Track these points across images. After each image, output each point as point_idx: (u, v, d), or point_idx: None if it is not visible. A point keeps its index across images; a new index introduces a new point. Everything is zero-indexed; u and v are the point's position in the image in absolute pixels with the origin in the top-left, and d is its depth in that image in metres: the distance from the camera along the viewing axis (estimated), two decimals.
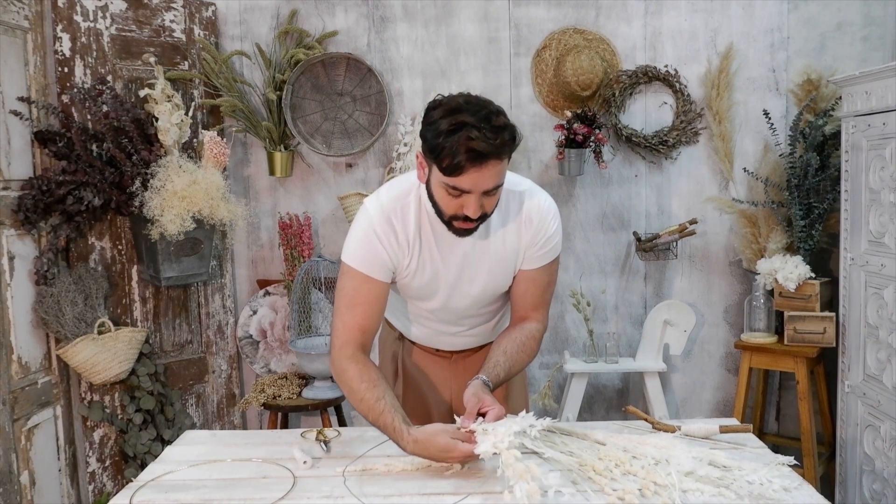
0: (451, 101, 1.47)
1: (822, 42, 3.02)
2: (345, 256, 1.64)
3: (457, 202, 1.49)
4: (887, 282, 2.38)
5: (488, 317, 1.82)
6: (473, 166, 1.43)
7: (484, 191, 1.47)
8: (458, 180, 1.45)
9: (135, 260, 2.78)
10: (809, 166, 2.79)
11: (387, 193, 1.66)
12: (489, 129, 1.42)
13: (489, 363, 1.64)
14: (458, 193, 1.47)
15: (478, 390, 1.53)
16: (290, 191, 3.16)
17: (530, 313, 1.74)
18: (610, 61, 3.06)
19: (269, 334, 3.12)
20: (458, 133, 1.41)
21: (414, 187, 1.63)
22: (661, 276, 3.18)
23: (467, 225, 1.53)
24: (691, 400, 3.23)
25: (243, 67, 3.08)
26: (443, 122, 1.43)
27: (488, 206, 1.53)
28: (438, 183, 1.49)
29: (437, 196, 1.52)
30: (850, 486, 2.60)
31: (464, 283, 1.69)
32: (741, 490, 1.35)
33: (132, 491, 1.43)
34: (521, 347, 1.69)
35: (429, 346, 1.88)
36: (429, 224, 1.62)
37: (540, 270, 1.71)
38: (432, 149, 1.45)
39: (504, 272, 1.70)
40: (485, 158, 1.42)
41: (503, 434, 1.37)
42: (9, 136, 2.37)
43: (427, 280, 1.67)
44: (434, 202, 1.54)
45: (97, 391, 2.67)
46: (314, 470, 1.52)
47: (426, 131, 1.47)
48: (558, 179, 3.08)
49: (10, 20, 2.36)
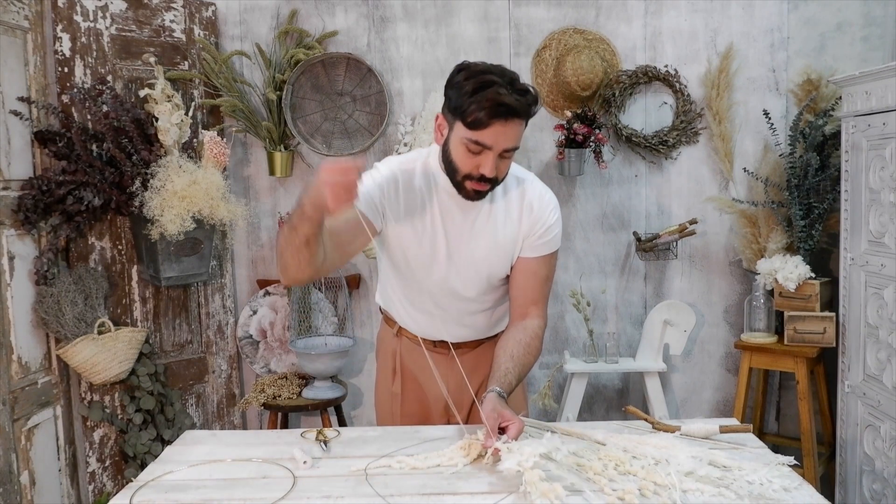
0: (477, 65, 1.57)
1: (822, 42, 3.02)
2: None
3: (475, 160, 1.56)
4: (887, 282, 2.38)
5: (485, 305, 1.82)
6: (499, 121, 1.51)
7: (503, 149, 1.55)
8: (482, 134, 1.52)
9: (135, 260, 2.78)
10: (809, 166, 2.79)
11: (393, 158, 1.77)
12: (514, 90, 1.52)
13: (499, 371, 1.63)
14: (479, 150, 1.55)
15: (496, 405, 1.52)
16: (290, 191, 3.16)
17: (530, 308, 1.75)
18: (610, 61, 3.06)
19: (269, 334, 3.12)
20: (487, 90, 1.50)
21: (420, 157, 1.72)
22: (661, 276, 3.18)
23: (481, 186, 1.60)
24: (691, 400, 3.23)
25: (243, 67, 3.08)
26: (469, 82, 1.52)
27: (501, 171, 1.60)
28: (459, 140, 1.56)
29: (456, 154, 1.58)
30: (850, 486, 2.60)
31: (463, 259, 1.71)
32: (741, 490, 1.35)
33: (132, 491, 1.43)
34: (527, 349, 1.69)
35: (428, 337, 1.87)
36: (434, 191, 1.68)
37: (539, 261, 1.74)
38: (458, 106, 1.53)
39: (502, 254, 1.73)
40: (510, 114, 1.51)
41: (529, 454, 1.36)
42: (9, 136, 2.37)
43: (427, 248, 1.70)
44: (450, 161, 1.60)
45: (97, 391, 2.67)
46: (314, 470, 1.52)
47: (450, 91, 1.56)
48: (558, 179, 3.08)
49: (10, 20, 2.36)
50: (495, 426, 1.48)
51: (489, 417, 1.50)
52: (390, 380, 1.92)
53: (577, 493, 1.35)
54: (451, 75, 1.58)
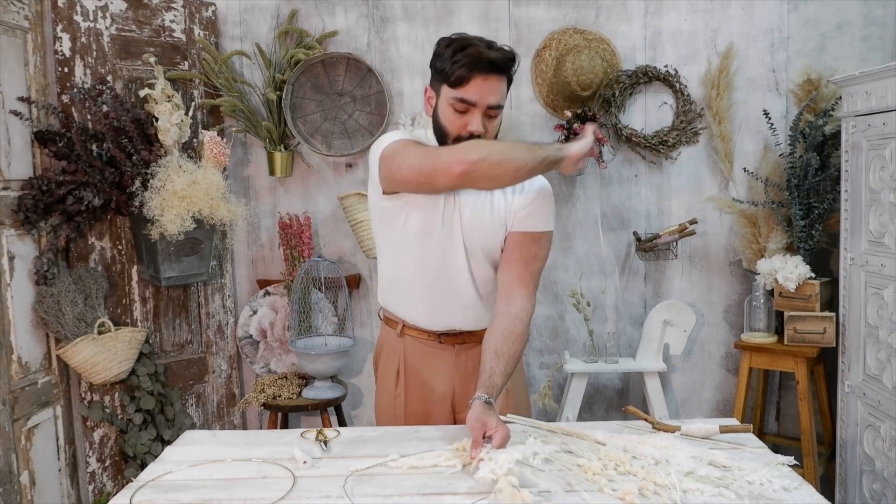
0: (457, 34, 1.68)
1: (822, 42, 3.02)
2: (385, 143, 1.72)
3: (462, 120, 1.65)
4: (887, 282, 2.38)
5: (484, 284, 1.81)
6: (480, 75, 1.61)
7: (487, 105, 1.63)
8: (465, 90, 1.62)
9: (135, 260, 2.78)
10: (809, 166, 2.79)
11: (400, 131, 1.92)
12: (493, 48, 1.63)
13: (483, 374, 1.61)
14: (465, 108, 1.64)
15: (480, 414, 1.50)
16: (290, 191, 3.16)
17: (515, 287, 1.73)
18: (610, 61, 3.06)
19: (269, 334, 3.12)
20: (466, 49, 1.61)
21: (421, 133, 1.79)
22: (661, 276, 3.18)
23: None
24: (691, 400, 3.23)
25: (243, 67, 3.08)
26: (450, 48, 1.63)
27: (489, 130, 1.68)
28: (446, 102, 1.66)
29: (444, 117, 1.68)
30: (850, 486, 2.60)
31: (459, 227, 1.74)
32: (741, 490, 1.35)
33: (132, 491, 1.43)
34: (510, 337, 1.66)
35: (433, 327, 1.85)
36: None
37: (527, 236, 1.76)
38: (442, 69, 1.64)
39: (496, 226, 1.76)
40: (490, 68, 1.61)
41: (503, 461, 1.35)
42: (9, 136, 2.37)
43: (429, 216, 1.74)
44: (440, 127, 1.69)
45: (97, 391, 2.67)
46: (314, 470, 1.52)
47: (435, 61, 1.67)
48: (558, 179, 3.08)
49: (10, 20, 2.36)
50: (479, 435, 1.47)
51: (473, 427, 1.49)
52: (393, 384, 1.90)
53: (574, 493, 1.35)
54: (435, 47, 1.68)
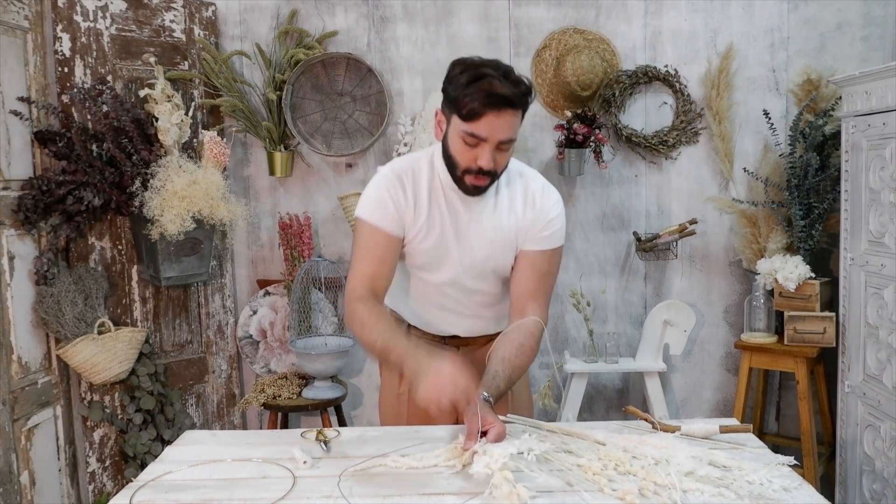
0: (471, 59, 1.59)
1: (822, 42, 3.02)
2: (358, 212, 1.72)
3: (472, 153, 1.58)
4: (887, 282, 2.38)
5: (493, 299, 1.83)
6: (492, 111, 1.52)
7: (499, 141, 1.57)
8: (477, 125, 1.54)
9: (135, 260, 2.78)
10: (809, 166, 2.79)
11: (398, 160, 1.79)
12: (508, 81, 1.53)
13: (487, 375, 1.62)
14: (475, 142, 1.56)
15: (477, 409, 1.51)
16: (290, 191, 3.16)
17: (528, 303, 1.73)
18: (610, 61, 3.06)
19: (269, 334, 3.12)
20: (480, 81, 1.52)
21: (425, 155, 1.74)
22: (661, 276, 3.18)
23: (480, 180, 1.62)
24: (691, 400, 3.23)
25: (243, 67, 3.08)
26: (464, 75, 1.55)
27: (500, 163, 1.62)
28: (456, 133, 1.58)
29: (454, 148, 1.61)
30: (850, 486, 2.60)
31: (469, 254, 1.73)
32: (741, 490, 1.35)
33: (132, 491, 1.43)
34: (520, 350, 1.68)
35: (436, 332, 1.87)
36: (440, 187, 1.70)
37: (539, 254, 1.74)
38: (453, 99, 1.56)
39: (506, 248, 1.74)
40: (503, 104, 1.52)
41: (498, 455, 1.36)
42: (9, 136, 2.37)
43: (435, 244, 1.71)
44: (449, 157, 1.63)
45: (97, 391, 2.67)
46: (314, 470, 1.52)
47: (447, 86, 1.59)
48: (558, 179, 3.07)
49: (10, 20, 2.36)
50: (475, 429, 1.48)
51: (469, 420, 1.49)
52: (397, 383, 1.91)
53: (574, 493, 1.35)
54: (448, 70, 1.60)
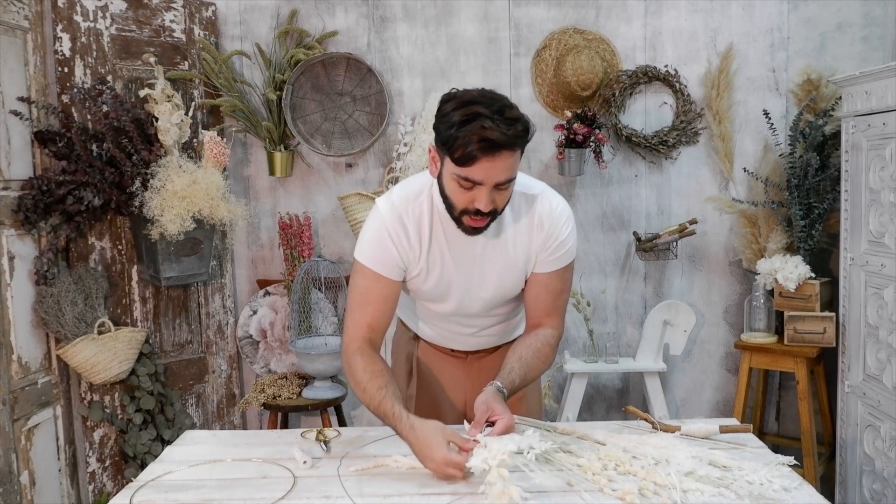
0: (465, 94, 1.47)
1: (822, 42, 3.02)
2: (357, 254, 1.66)
3: (468, 195, 1.48)
4: (887, 282, 2.38)
5: (501, 318, 1.81)
6: (486, 156, 1.42)
7: (496, 183, 1.46)
8: (471, 171, 1.44)
9: (135, 260, 2.78)
10: (809, 166, 2.79)
11: (398, 193, 1.65)
12: (503, 121, 1.42)
13: (504, 369, 1.62)
14: (471, 185, 1.47)
15: (489, 398, 1.51)
16: (290, 191, 3.16)
17: (544, 319, 1.72)
18: (610, 61, 3.06)
19: (269, 334, 3.12)
20: (472, 123, 1.41)
21: (426, 187, 1.62)
22: (661, 276, 3.18)
23: (478, 222, 1.52)
24: (691, 400, 3.23)
25: (243, 67, 3.08)
26: (456, 113, 1.43)
27: (500, 202, 1.52)
28: (450, 175, 1.48)
29: (449, 189, 1.51)
30: (850, 486, 2.60)
31: (474, 287, 1.68)
32: (741, 490, 1.35)
33: (132, 491, 1.43)
34: (537, 354, 1.67)
35: (443, 346, 1.88)
36: (441, 225, 1.62)
37: (552, 275, 1.69)
38: (445, 140, 1.45)
39: (515, 276, 1.69)
40: (498, 148, 1.42)
41: (497, 451, 1.34)
42: (9, 136, 2.37)
43: (437, 281, 1.66)
44: (445, 196, 1.53)
45: (97, 391, 2.67)
46: (314, 470, 1.52)
47: (439, 123, 1.47)
48: (558, 179, 3.08)
49: (10, 20, 2.36)
50: (482, 419, 1.47)
51: (478, 408, 1.49)
52: (405, 382, 1.90)
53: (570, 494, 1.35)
54: (439, 105, 1.49)
